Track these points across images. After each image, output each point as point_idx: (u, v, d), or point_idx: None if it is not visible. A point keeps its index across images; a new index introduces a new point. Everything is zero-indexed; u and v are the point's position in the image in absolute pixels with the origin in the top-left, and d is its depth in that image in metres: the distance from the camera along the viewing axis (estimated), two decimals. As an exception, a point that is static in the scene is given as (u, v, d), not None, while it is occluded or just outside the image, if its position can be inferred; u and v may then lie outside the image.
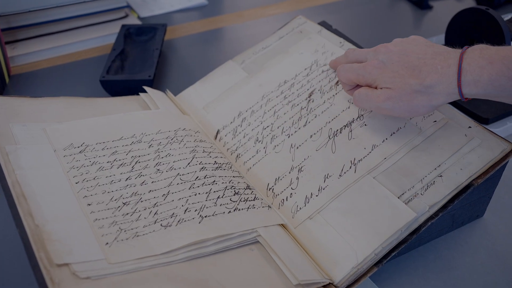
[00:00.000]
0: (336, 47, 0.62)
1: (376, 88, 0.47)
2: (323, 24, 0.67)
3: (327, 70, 0.59)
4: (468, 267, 0.48)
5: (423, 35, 0.88)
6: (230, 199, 0.47)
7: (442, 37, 0.82)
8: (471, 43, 0.68)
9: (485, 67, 0.41)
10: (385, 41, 0.85)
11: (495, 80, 0.41)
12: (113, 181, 0.46)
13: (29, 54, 0.78)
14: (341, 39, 0.63)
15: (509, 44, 0.63)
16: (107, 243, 0.40)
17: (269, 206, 0.48)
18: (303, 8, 0.97)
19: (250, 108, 0.59)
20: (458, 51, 0.44)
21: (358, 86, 0.51)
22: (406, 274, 0.48)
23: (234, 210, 0.46)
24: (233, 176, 0.50)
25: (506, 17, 0.74)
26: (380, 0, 1.00)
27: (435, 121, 0.50)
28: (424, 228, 0.44)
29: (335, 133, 0.52)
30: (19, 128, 0.50)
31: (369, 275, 0.43)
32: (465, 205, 0.50)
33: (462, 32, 0.69)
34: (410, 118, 0.50)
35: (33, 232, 0.38)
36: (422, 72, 0.44)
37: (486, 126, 0.57)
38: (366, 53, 0.50)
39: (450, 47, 0.71)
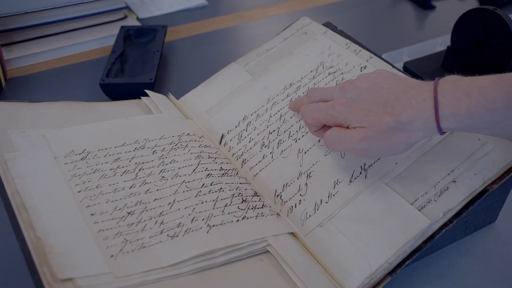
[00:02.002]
0: (342, 48, 0.60)
1: (347, 128, 0.43)
2: (328, 25, 0.65)
3: (334, 72, 0.58)
4: (483, 274, 0.47)
5: (427, 35, 0.87)
6: (238, 207, 0.45)
7: (445, 38, 0.81)
8: (478, 44, 0.67)
9: (462, 99, 0.38)
10: (388, 42, 0.84)
11: (474, 113, 0.38)
12: (116, 190, 0.44)
13: (26, 57, 0.76)
14: (347, 41, 0.61)
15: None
16: (112, 256, 0.38)
17: (278, 214, 0.47)
18: (304, 9, 0.96)
19: (255, 111, 0.57)
20: (430, 83, 0.41)
21: (325, 127, 0.47)
22: (419, 282, 0.47)
23: (243, 218, 0.44)
24: (240, 183, 0.49)
25: (513, 17, 0.73)
26: (382, 0, 0.99)
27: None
28: (438, 236, 0.43)
29: (343, 138, 0.51)
30: (17, 135, 0.48)
31: (382, 284, 0.42)
32: (479, 211, 0.48)
33: (469, 33, 0.68)
34: None
35: (35, 245, 0.36)
36: (396, 108, 0.41)
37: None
38: (331, 91, 0.46)
39: (455, 49, 0.70)
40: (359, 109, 0.42)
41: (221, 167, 0.50)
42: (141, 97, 0.61)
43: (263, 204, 0.47)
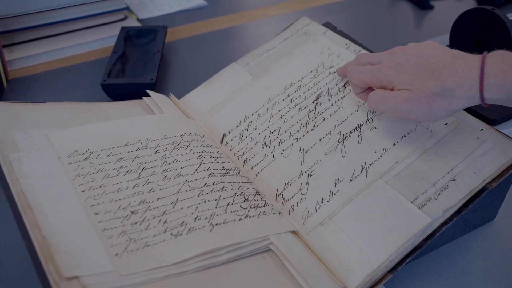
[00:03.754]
0: (342, 48, 0.61)
1: (392, 90, 0.46)
2: (328, 25, 0.66)
3: (334, 72, 0.58)
4: (483, 272, 0.48)
5: (425, 35, 0.88)
6: (240, 206, 0.46)
7: (444, 38, 0.81)
8: (476, 44, 0.68)
9: (509, 72, 0.40)
10: (386, 42, 0.85)
11: None
12: (120, 189, 0.45)
13: (27, 58, 0.77)
14: (347, 41, 0.62)
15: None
16: (116, 254, 0.38)
17: (279, 213, 0.47)
18: (303, 9, 0.96)
19: (256, 111, 0.58)
20: (478, 56, 0.43)
21: (369, 89, 0.49)
22: (420, 280, 0.47)
23: (245, 217, 0.45)
24: (242, 182, 0.49)
25: (511, 17, 0.73)
26: (381, 0, 1.00)
27: (447, 123, 0.49)
28: (438, 234, 0.44)
29: (344, 137, 0.51)
30: (21, 135, 0.48)
31: (383, 282, 0.43)
32: (478, 208, 0.49)
33: (467, 33, 0.69)
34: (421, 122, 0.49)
35: (41, 244, 0.37)
36: (442, 75, 0.43)
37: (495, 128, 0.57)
38: (380, 56, 0.48)
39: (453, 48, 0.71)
40: (406, 73, 0.44)
41: (223, 167, 0.51)
42: (142, 97, 0.62)
43: (265, 203, 0.47)
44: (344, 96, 0.55)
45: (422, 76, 0.43)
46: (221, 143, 0.56)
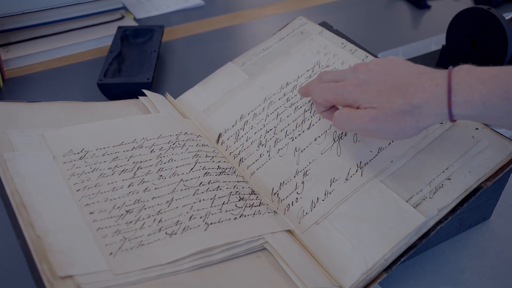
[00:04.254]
0: (338, 48, 0.61)
1: (357, 108, 0.44)
2: (324, 24, 0.66)
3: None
4: (478, 270, 0.48)
5: (422, 35, 0.88)
6: (236, 205, 0.46)
7: (441, 37, 0.81)
8: (473, 43, 0.68)
9: (476, 87, 0.38)
10: (383, 41, 0.85)
11: (487, 100, 0.38)
12: (115, 188, 0.45)
13: (24, 57, 0.77)
14: (343, 40, 0.62)
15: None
16: (111, 253, 0.38)
17: (275, 212, 0.47)
18: (300, 9, 0.96)
19: (252, 111, 0.58)
20: (444, 71, 0.41)
21: (333, 107, 0.48)
22: (415, 278, 0.47)
23: (240, 216, 0.45)
24: (237, 181, 0.49)
25: (507, 16, 0.73)
26: (378, 0, 1.00)
27: (442, 123, 0.49)
28: (433, 232, 0.44)
29: (340, 136, 0.51)
30: (16, 135, 0.48)
31: (378, 281, 0.43)
32: (473, 207, 0.49)
33: (464, 32, 0.69)
34: None
35: (35, 243, 0.37)
36: (409, 91, 0.41)
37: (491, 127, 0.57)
38: (343, 73, 0.47)
39: (450, 49, 0.71)
40: (371, 90, 0.43)
41: (218, 166, 0.51)
42: (138, 96, 0.62)
43: (260, 202, 0.47)
44: (339, 96, 0.55)
45: (388, 93, 0.42)
46: (217, 142, 0.56)
